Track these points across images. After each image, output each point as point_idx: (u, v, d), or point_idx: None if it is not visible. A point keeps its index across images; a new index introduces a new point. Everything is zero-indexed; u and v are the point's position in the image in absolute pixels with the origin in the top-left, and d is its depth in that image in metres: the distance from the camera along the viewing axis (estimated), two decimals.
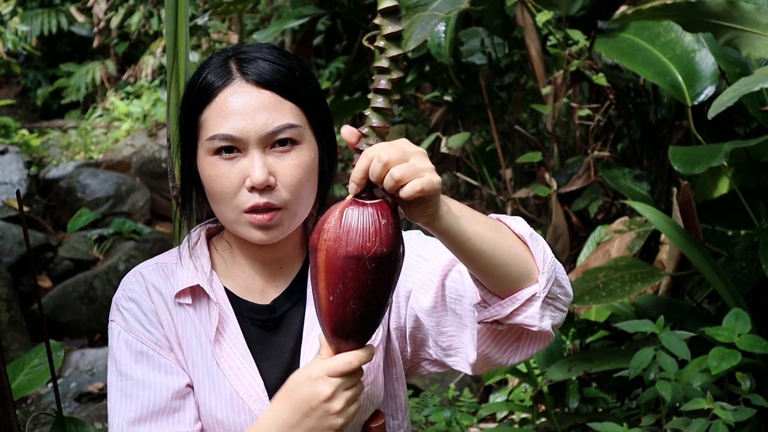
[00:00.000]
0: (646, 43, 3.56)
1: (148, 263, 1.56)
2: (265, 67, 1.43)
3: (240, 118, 1.39)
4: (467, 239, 1.28)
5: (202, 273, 1.50)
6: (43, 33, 12.43)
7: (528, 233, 1.37)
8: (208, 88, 1.42)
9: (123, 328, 1.48)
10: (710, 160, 2.73)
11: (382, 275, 1.23)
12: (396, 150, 1.19)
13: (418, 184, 1.17)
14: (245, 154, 1.41)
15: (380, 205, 1.23)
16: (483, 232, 1.29)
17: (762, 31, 2.54)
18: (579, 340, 3.41)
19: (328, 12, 5.90)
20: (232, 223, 1.44)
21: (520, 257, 1.34)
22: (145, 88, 11.47)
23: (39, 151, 9.39)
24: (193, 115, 1.43)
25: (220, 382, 1.46)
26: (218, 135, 1.40)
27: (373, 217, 1.22)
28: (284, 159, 1.42)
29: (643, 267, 3.02)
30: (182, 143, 1.48)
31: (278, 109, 1.41)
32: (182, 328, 1.49)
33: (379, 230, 1.22)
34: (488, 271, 1.32)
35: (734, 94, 2.36)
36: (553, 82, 4.18)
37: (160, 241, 7.00)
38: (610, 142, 4.37)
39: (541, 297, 1.36)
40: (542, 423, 3.32)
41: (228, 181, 1.40)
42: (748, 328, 2.63)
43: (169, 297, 1.49)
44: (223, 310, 1.49)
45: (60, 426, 1.90)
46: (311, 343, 1.48)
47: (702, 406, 2.46)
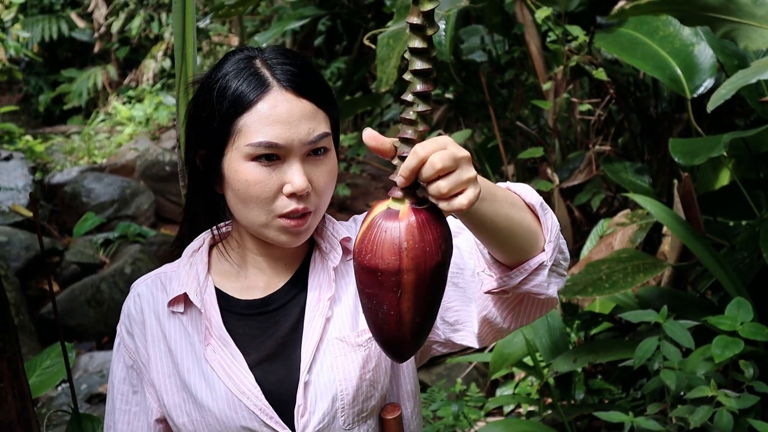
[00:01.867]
0: (645, 38, 3.59)
1: (148, 276, 1.61)
2: (298, 74, 1.45)
3: (285, 127, 1.42)
4: (487, 220, 1.27)
5: (194, 280, 1.54)
6: (44, 39, 12.48)
7: (538, 203, 1.36)
8: (245, 96, 1.43)
9: (123, 342, 1.61)
10: (710, 151, 2.76)
11: (440, 284, 1.23)
12: (449, 157, 1.14)
13: (465, 201, 1.15)
14: (284, 161, 1.43)
15: (431, 212, 1.20)
16: (501, 210, 1.28)
17: (758, 23, 2.57)
18: (584, 332, 3.45)
19: (329, 13, 5.94)
20: (261, 226, 1.47)
21: (530, 228, 1.34)
22: (147, 92, 11.51)
23: (43, 157, 9.44)
24: (226, 120, 1.44)
25: (215, 383, 1.50)
26: (263, 143, 1.41)
27: (433, 225, 1.19)
28: (319, 166, 1.46)
29: (646, 258, 3.06)
30: (204, 144, 1.49)
31: (316, 118, 1.44)
32: (175, 339, 1.54)
33: (437, 239, 1.19)
34: (501, 244, 1.32)
35: (732, 87, 2.39)
36: (553, 77, 4.21)
37: (165, 243, 7.03)
38: (611, 137, 4.41)
39: (548, 265, 1.36)
40: (549, 415, 3.35)
41: (267, 187, 1.43)
42: (750, 317, 2.66)
43: (162, 308, 1.56)
44: (211, 316, 1.53)
45: (77, 423, 1.94)
46: (312, 332, 1.51)
47: (706, 393, 2.49)
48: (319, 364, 1.49)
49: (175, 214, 8.19)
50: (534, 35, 4.40)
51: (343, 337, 1.51)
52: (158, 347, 1.55)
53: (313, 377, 1.49)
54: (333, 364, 1.49)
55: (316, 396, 1.49)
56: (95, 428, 1.96)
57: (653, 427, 2.61)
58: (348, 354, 1.50)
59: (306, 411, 1.48)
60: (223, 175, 1.47)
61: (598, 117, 4.34)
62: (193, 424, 1.50)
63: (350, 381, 1.49)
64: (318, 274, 1.55)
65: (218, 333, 1.52)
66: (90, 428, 1.96)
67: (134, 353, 1.57)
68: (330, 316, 1.52)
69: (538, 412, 3.46)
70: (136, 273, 6.32)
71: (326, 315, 1.51)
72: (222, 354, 1.50)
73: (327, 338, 1.51)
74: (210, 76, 1.50)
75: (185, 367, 1.52)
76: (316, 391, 1.49)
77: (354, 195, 7.82)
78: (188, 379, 1.51)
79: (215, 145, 1.46)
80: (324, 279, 1.54)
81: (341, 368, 1.49)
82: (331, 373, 1.49)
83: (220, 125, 1.44)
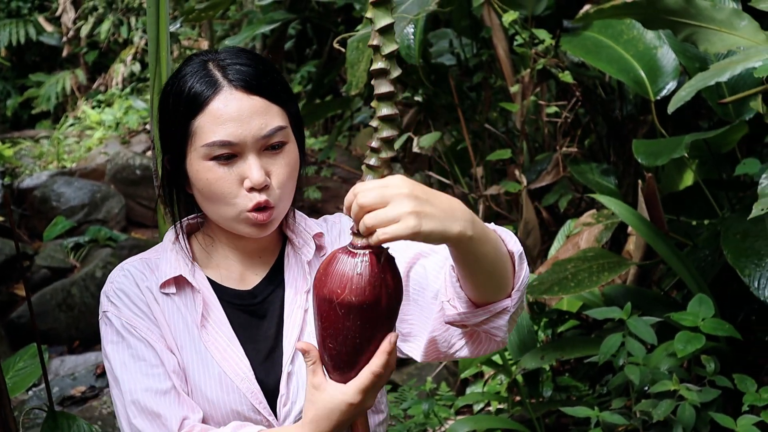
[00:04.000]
0: (610, 41, 3.66)
1: (133, 259, 1.63)
2: (248, 72, 1.50)
3: (236, 125, 1.47)
4: (475, 259, 1.34)
5: (183, 264, 1.58)
6: (11, 43, 12.39)
7: (518, 253, 1.43)
8: (198, 97, 1.48)
9: (119, 316, 1.55)
10: (672, 152, 2.83)
11: (353, 322, 1.30)
12: (375, 194, 1.23)
13: (382, 234, 1.22)
14: (241, 157, 1.49)
15: (368, 255, 1.30)
16: (489, 251, 1.35)
17: (718, 26, 2.64)
18: (551, 330, 3.51)
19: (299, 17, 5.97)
20: (230, 221, 1.52)
21: (505, 274, 1.41)
22: (116, 97, 11.47)
23: (12, 161, 9.38)
24: (183, 123, 1.50)
25: (209, 363, 1.53)
26: (216, 142, 1.47)
27: (353, 266, 1.29)
28: (276, 159, 1.51)
29: (611, 257, 3.12)
30: (167, 147, 1.55)
31: (268, 113, 1.50)
32: (169, 315, 1.56)
33: (352, 280, 1.28)
34: (479, 282, 1.40)
35: (691, 89, 2.45)
36: (520, 80, 4.26)
37: (136, 247, 7.02)
38: (578, 138, 4.47)
39: (511, 311, 1.44)
40: (517, 411, 3.41)
41: (228, 183, 1.48)
42: (711, 313, 2.72)
43: (155, 288, 1.57)
44: (207, 297, 1.57)
45: (52, 420, 1.96)
46: (291, 325, 1.57)
47: (669, 387, 2.56)
48: (301, 356, 1.53)
49: (146, 218, 8.17)
50: (501, 39, 4.46)
51: None
52: (159, 318, 1.56)
53: (296, 368, 1.55)
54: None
55: (298, 386, 1.55)
56: (71, 426, 1.98)
57: (618, 421, 2.67)
58: None
59: (288, 401, 1.54)
60: (188, 176, 1.52)
61: (565, 119, 4.40)
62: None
63: None
64: (292, 269, 1.60)
65: (215, 315, 1.56)
66: (65, 426, 1.99)
67: (136, 320, 1.55)
68: (308, 308, 1.57)
69: (507, 409, 3.51)
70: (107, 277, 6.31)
71: (304, 307, 1.57)
72: (218, 336, 1.54)
73: (307, 330, 1.57)
74: (169, 81, 1.56)
75: (179, 344, 1.55)
76: (299, 381, 1.55)
77: (325, 198, 7.85)
78: (181, 358, 1.54)
79: (177, 148, 1.52)
80: (299, 273, 1.60)
81: None
82: None
83: (178, 128, 1.50)
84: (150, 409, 1.49)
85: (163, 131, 1.56)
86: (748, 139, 3.52)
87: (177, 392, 1.51)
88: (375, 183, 1.25)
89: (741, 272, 2.71)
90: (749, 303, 3.09)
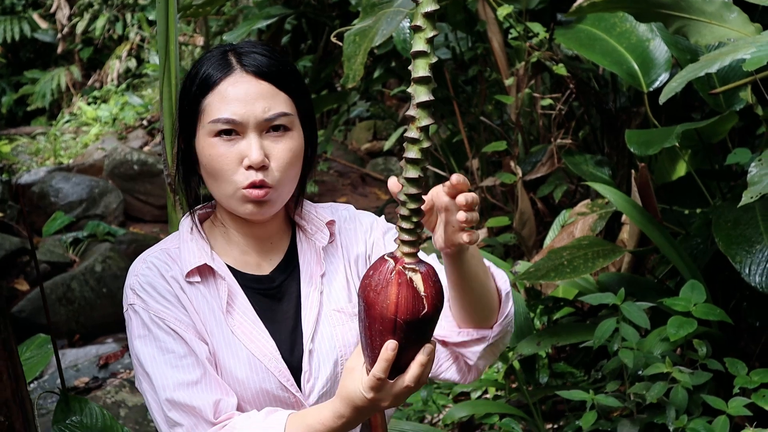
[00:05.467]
0: (603, 34, 3.72)
1: (153, 249, 1.69)
2: (262, 60, 1.59)
3: (240, 105, 1.56)
4: (468, 277, 1.51)
5: (204, 252, 1.65)
6: (6, 40, 12.41)
7: (505, 291, 1.61)
8: (210, 78, 1.58)
9: (146, 309, 1.61)
10: (663, 141, 2.90)
11: (398, 334, 1.37)
12: (475, 197, 1.40)
13: (475, 236, 1.41)
14: (243, 136, 1.57)
15: (419, 271, 1.36)
16: (481, 276, 1.54)
17: (708, 19, 2.70)
18: (546, 316, 3.57)
19: (295, 12, 6.01)
20: (228, 197, 1.59)
21: (491, 305, 1.58)
22: (112, 93, 11.51)
23: (9, 158, 9.42)
24: (195, 102, 1.59)
25: (237, 347, 1.61)
26: (221, 119, 1.56)
27: (404, 281, 1.35)
28: (278, 143, 1.59)
29: (605, 245, 3.18)
30: (181, 127, 1.64)
31: (274, 98, 1.58)
32: (197, 303, 1.63)
33: (401, 295, 1.35)
34: (465, 305, 1.56)
35: (682, 80, 2.51)
36: (515, 73, 4.32)
37: (134, 242, 7.09)
38: (572, 130, 4.53)
39: (489, 341, 1.61)
40: (514, 396, 3.47)
41: (228, 160, 1.56)
42: (703, 298, 2.79)
43: (180, 277, 1.64)
44: (230, 284, 1.64)
45: (65, 403, 2.02)
46: (309, 306, 1.65)
47: (661, 370, 2.62)
48: (320, 334, 1.64)
49: (144, 213, 8.23)
50: (496, 32, 4.52)
51: (340, 308, 1.66)
52: (188, 306, 1.62)
53: (316, 346, 1.63)
54: (332, 333, 1.64)
55: (320, 363, 1.63)
56: (83, 408, 2.05)
57: (613, 403, 2.73)
58: (345, 323, 1.65)
59: (311, 377, 1.62)
60: (196, 154, 1.60)
61: (559, 111, 4.46)
62: None
63: (348, 347, 1.64)
64: (306, 253, 1.68)
65: (240, 301, 1.63)
66: (78, 408, 2.05)
67: (165, 313, 1.60)
68: (323, 290, 1.66)
69: (505, 395, 3.57)
70: (107, 271, 6.38)
71: (320, 289, 1.66)
72: (243, 320, 1.62)
73: (324, 311, 1.65)
74: (191, 67, 1.64)
75: (209, 329, 1.61)
76: (319, 358, 1.63)
77: (321, 192, 7.91)
78: (211, 343, 1.61)
79: (188, 126, 1.61)
80: (312, 257, 1.67)
81: (340, 336, 1.64)
82: (331, 341, 1.64)
83: (191, 106, 1.59)
84: (184, 402, 1.55)
85: (179, 113, 1.65)
86: (740, 130, 3.59)
87: (208, 379, 1.57)
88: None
89: (732, 259, 2.78)
90: (740, 289, 3.15)
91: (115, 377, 4.69)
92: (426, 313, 1.35)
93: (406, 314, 1.34)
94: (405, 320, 1.35)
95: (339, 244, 1.71)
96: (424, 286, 1.35)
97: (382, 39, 3.53)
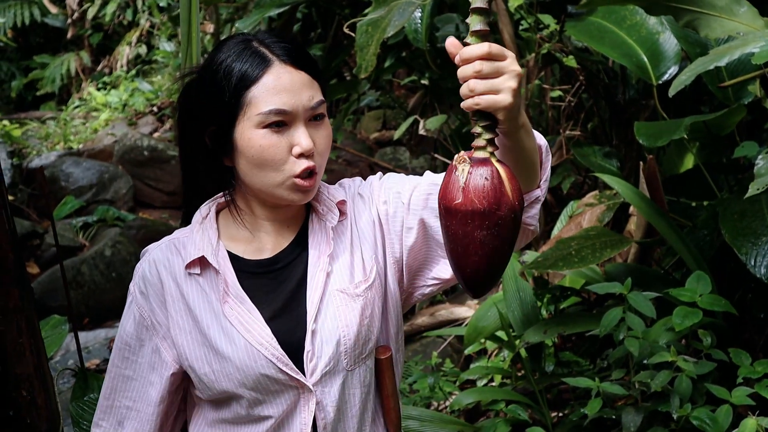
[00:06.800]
0: (613, 26, 3.74)
1: (162, 242, 1.76)
2: (292, 49, 1.64)
3: (289, 95, 1.60)
4: (521, 149, 1.51)
5: (208, 244, 1.70)
6: (16, 24, 12.45)
7: (545, 146, 1.62)
8: (251, 71, 1.61)
9: (135, 300, 1.73)
10: (672, 133, 2.93)
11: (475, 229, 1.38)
12: (493, 66, 1.37)
13: (483, 100, 1.37)
14: (291, 126, 1.61)
15: (487, 163, 1.38)
16: (531, 144, 1.53)
17: (718, 13, 2.73)
18: (553, 305, 3.61)
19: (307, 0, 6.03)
20: (276, 187, 1.64)
21: (536, 165, 1.59)
22: (122, 79, 11.54)
23: (19, 142, 9.47)
24: (236, 95, 1.61)
25: (234, 336, 1.66)
26: (272, 110, 1.59)
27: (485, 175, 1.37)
28: (319, 130, 1.65)
29: (612, 235, 3.22)
30: (213, 121, 1.65)
31: (313, 87, 1.64)
32: (193, 298, 1.69)
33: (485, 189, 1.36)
34: (520, 171, 1.53)
35: (692, 73, 2.54)
36: (525, 65, 4.35)
37: (144, 227, 7.15)
38: (581, 122, 4.56)
39: (542, 200, 1.64)
40: (520, 383, 3.51)
41: (279, 150, 1.61)
42: (709, 289, 2.83)
43: (180, 271, 1.70)
44: (227, 276, 1.69)
45: (83, 381, 2.07)
46: (315, 286, 1.69)
47: (666, 358, 2.66)
48: (323, 314, 1.67)
49: (153, 198, 8.28)
50: (507, 23, 4.54)
51: (343, 288, 1.68)
52: (178, 306, 1.69)
53: (319, 326, 1.66)
54: (335, 313, 1.67)
55: (322, 342, 1.66)
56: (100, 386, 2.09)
57: (618, 391, 2.78)
58: (348, 303, 1.68)
59: (314, 356, 1.66)
60: (234, 146, 1.63)
61: (569, 103, 4.49)
62: (215, 374, 1.66)
63: (351, 327, 1.66)
64: (317, 234, 1.72)
65: (235, 291, 1.67)
66: (96, 385, 2.10)
67: (147, 311, 1.71)
68: (330, 271, 1.69)
69: (511, 383, 3.62)
70: (116, 255, 6.43)
71: (326, 270, 1.68)
72: (239, 310, 1.66)
73: (329, 291, 1.68)
74: (212, 60, 1.66)
75: (205, 323, 1.67)
76: (322, 338, 1.66)
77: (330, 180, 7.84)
78: (208, 335, 1.66)
79: (227, 119, 1.62)
80: (323, 238, 1.71)
81: (343, 316, 1.67)
82: (334, 321, 1.66)
83: (231, 99, 1.61)
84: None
85: (208, 106, 1.65)
86: (748, 123, 3.62)
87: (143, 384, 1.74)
88: (494, 51, 1.37)
89: (738, 251, 2.82)
90: (746, 281, 3.18)
91: None
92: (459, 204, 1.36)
93: (443, 199, 1.38)
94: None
95: (349, 221, 1.75)
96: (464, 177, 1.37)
97: (395, 30, 3.55)
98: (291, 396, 1.66)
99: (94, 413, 1.78)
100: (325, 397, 1.66)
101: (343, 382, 1.68)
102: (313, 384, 1.65)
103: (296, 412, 1.67)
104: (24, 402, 1.85)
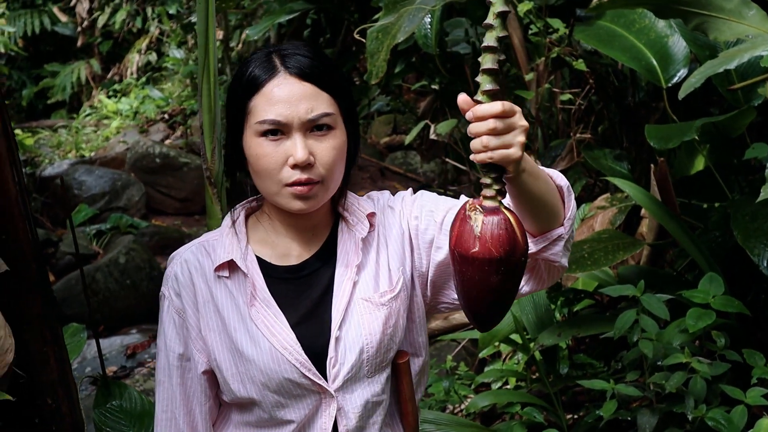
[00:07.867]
0: (622, 30, 3.76)
1: (192, 244, 1.80)
2: (305, 62, 1.66)
3: (285, 106, 1.63)
4: (529, 192, 1.54)
5: (237, 248, 1.73)
6: (26, 33, 12.52)
7: (566, 186, 1.65)
8: (256, 79, 1.65)
9: (171, 303, 1.76)
10: (683, 135, 2.95)
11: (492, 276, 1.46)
12: (505, 124, 1.42)
13: (497, 154, 1.43)
14: (288, 136, 1.64)
15: (498, 212, 1.45)
16: (540, 186, 1.56)
17: (727, 16, 2.74)
18: (567, 308, 3.63)
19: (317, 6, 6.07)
20: (274, 195, 1.67)
21: (556, 206, 1.62)
22: (132, 86, 11.60)
23: (32, 150, 9.53)
24: (242, 103, 1.66)
25: (259, 339, 1.69)
26: (267, 120, 1.63)
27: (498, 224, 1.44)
28: (322, 142, 1.66)
29: (625, 238, 3.24)
30: (229, 127, 1.71)
31: (317, 99, 1.65)
32: (221, 301, 1.73)
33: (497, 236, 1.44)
34: (533, 214, 1.60)
35: (701, 76, 2.56)
36: (535, 68, 4.37)
37: (157, 234, 7.18)
38: (591, 125, 4.57)
39: (565, 238, 1.65)
40: (535, 386, 3.53)
41: (274, 159, 1.64)
42: (722, 290, 2.84)
43: (209, 273, 1.74)
44: (255, 280, 1.72)
45: (105, 388, 2.10)
46: (341, 294, 1.72)
47: (680, 359, 2.68)
48: (348, 322, 1.70)
49: (166, 205, 8.33)
50: (516, 28, 4.56)
51: (368, 297, 1.72)
52: (208, 307, 1.73)
53: (343, 333, 1.70)
54: (360, 322, 1.70)
55: (346, 349, 1.69)
56: (122, 393, 2.13)
57: (632, 392, 2.79)
58: (372, 312, 1.71)
59: (337, 363, 1.69)
60: (244, 153, 1.67)
61: (579, 106, 4.49)
62: (240, 376, 1.70)
63: (374, 335, 1.70)
64: (345, 243, 1.75)
65: (262, 295, 1.71)
66: (117, 393, 2.13)
67: (182, 312, 1.74)
68: (357, 281, 1.72)
69: (526, 386, 3.63)
70: (130, 263, 6.47)
71: (353, 279, 1.72)
72: (265, 314, 1.69)
73: (354, 299, 1.72)
74: (238, 69, 1.72)
75: (232, 326, 1.71)
76: (346, 345, 1.69)
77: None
78: (235, 337, 1.70)
79: (236, 126, 1.68)
80: (351, 248, 1.74)
81: (367, 325, 1.70)
82: (358, 329, 1.70)
83: (238, 106, 1.67)
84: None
85: (228, 113, 1.72)
86: (758, 125, 3.63)
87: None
88: (506, 110, 1.42)
89: (750, 252, 2.83)
90: (758, 282, 3.20)
91: (142, 366, 4.78)
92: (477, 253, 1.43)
93: (458, 247, 1.45)
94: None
95: (377, 233, 1.78)
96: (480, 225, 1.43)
97: (405, 36, 3.58)
98: (313, 401, 1.69)
99: (154, 430, 1.82)
100: (347, 403, 1.70)
101: (364, 388, 1.71)
102: (335, 390, 1.69)
103: (317, 417, 1.70)
104: (49, 410, 1.88)
